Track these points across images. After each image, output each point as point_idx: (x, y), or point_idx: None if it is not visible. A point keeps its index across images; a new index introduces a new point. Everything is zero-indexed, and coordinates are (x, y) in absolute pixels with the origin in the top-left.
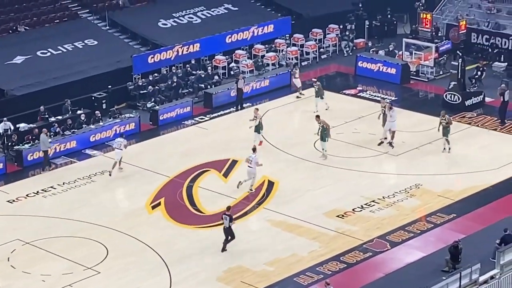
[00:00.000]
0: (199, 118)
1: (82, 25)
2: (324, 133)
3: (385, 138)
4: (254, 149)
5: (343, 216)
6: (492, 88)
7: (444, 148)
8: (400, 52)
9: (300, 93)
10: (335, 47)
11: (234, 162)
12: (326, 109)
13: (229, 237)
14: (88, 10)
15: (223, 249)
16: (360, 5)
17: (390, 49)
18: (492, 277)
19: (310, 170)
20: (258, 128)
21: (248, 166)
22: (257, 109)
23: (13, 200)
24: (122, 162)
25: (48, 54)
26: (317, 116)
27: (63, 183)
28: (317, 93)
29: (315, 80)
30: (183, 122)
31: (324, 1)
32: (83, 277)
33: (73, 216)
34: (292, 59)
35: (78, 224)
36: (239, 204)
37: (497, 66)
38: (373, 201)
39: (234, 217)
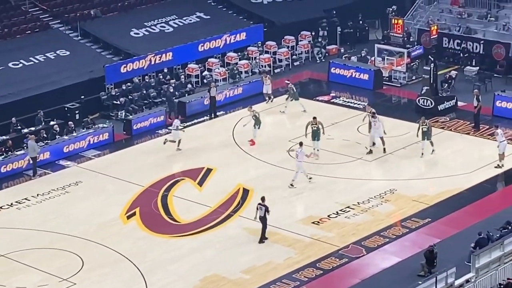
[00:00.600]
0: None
1: (54, 36)
2: (317, 133)
3: (373, 144)
4: (300, 143)
5: (318, 222)
6: (464, 92)
7: (422, 154)
8: (373, 58)
9: (271, 100)
10: (308, 54)
11: (209, 171)
12: (304, 111)
13: (264, 226)
14: (59, 21)
15: (261, 241)
16: (334, 12)
17: (363, 55)
18: (467, 281)
19: (285, 177)
20: (256, 124)
21: (298, 161)
22: (250, 106)
23: None
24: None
25: (20, 65)
26: (314, 118)
27: (37, 195)
28: (291, 96)
29: (288, 82)
30: (156, 131)
31: (296, 8)
32: None
33: (47, 227)
34: (265, 67)
35: (53, 236)
36: (215, 212)
37: (469, 70)
38: (348, 207)
39: (210, 225)
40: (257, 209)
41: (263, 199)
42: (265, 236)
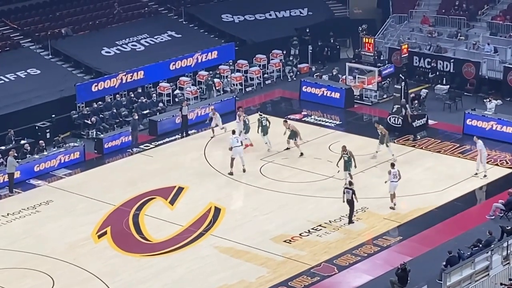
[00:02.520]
0: (144, 146)
1: (25, 54)
2: (349, 164)
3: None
4: (392, 164)
5: (290, 241)
6: (435, 110)
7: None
8: (344, 77)
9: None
10: (279, 73)
11: (180, 189)
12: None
13: (351, 208)
14: (30, 39)
15: (350, 221)
16: (308, 30)
17: (334, 73)
18: None
19: (256, 196)
20: (247, 128)
21: (391, 181)
22: (240, 107)
23: None
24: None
25: None
26: (285, 121)
27: (7, 214)
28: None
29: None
30: (128, 150)
31: (267, 27)
32: None
33: (18, 247)
34: (236, 85)
35: (24, 255)
36: (186, 231)
37: (439, 88)
38: (319, 225)
39: (181, 244)
40: (344, 192)
41: (350, 183)
42: (352, 220)
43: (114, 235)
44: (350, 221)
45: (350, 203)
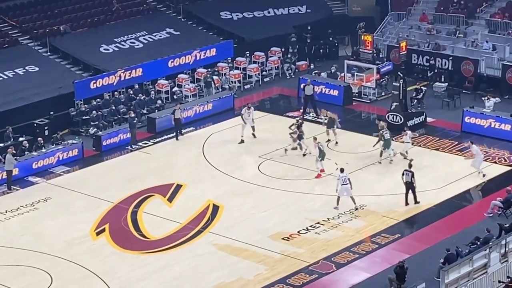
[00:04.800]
0: (143, 143)
1: (23, 52)
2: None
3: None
4: (410, 165)
5: (288, 238)
6: (433, 108)
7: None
8: (342, 74)
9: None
10: (278, 70)
11: (179, 187)
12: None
13: (412, 190)
14: (28, 37)
15: (416, 201)
16: (309, 28)
17: (332, 71)
18: None
19: (254, 193)
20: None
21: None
22: (315, 138)
23: None
24: None
25: None
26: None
27: (6, 211)
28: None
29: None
30: (126, 148)
31: (265, 25)
32: None
33: (16, 244)
34: (234, 83)
35: (22, 252)
36: (184, 228)
37: (438, 86)
38: (318, 222)
39: (179, 241)
40: (403, 174)
41: (410, 165)
42: (417, 200)
43: (112, 233)
44: (416, 201)
45: (410, 185)
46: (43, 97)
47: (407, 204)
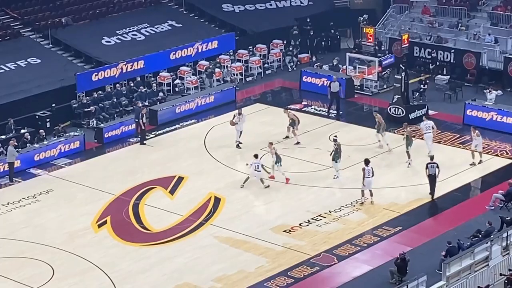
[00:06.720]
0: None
1: (25, 44)
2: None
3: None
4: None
5: (290, 231)
6: (435, 101)
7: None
8: (344, 67)
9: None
10: (279, 62)
11: (180, 179)
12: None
13: (434, 184)
14: (30, 29)
15: (432, 196)
16: (308, 20)
17: (334, 63)
18: None
19: (256, 186)
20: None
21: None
22: (271, 143)
23: None
24: None
25: None
26: (285, 109)
27: (8, 203)
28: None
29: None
30: (128, 140)
31: (267, 17)
32: None
33: (18, 236)
34: (236, 75)
35: (24, 244)
36: (186, 221)
37: (440, 79)
38: (319, 215)
39: (181, 234)
40: (427, 167)
41: (432, 158)
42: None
43: (114, 225)
44: (433, 195)
45: (433, 178)
46: (45, 89)
47: (432, 197)
